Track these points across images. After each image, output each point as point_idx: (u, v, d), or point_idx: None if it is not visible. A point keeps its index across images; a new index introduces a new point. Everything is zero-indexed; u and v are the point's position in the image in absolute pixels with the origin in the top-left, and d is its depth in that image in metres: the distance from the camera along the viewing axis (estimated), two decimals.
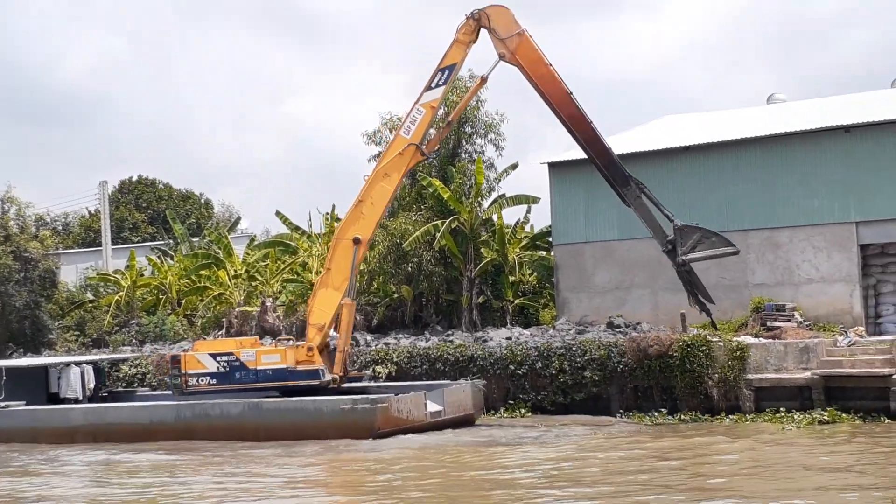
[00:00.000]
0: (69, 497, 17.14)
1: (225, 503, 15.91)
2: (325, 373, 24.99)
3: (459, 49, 23.91)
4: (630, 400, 27.27)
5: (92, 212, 65.80)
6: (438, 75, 23.89)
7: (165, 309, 42.44)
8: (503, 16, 23.54)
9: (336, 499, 16.76)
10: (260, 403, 24.59)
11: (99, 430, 25.83)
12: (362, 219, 24.84)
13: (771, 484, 15.58)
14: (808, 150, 30.59)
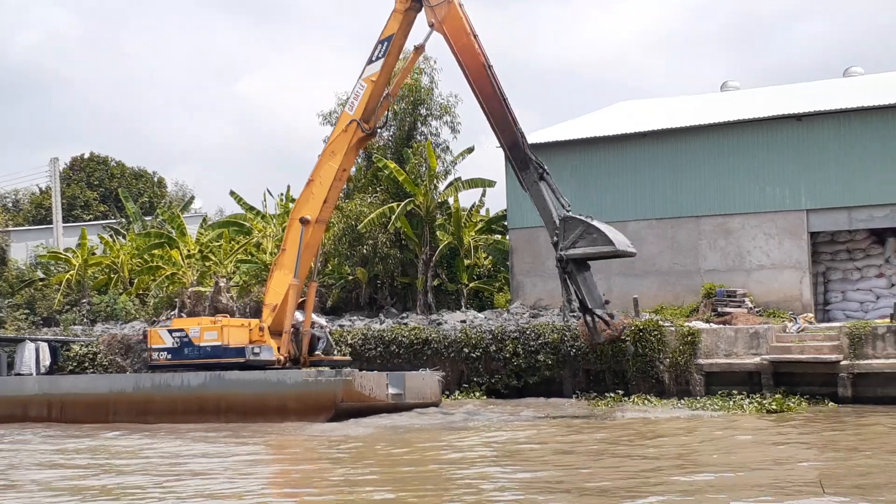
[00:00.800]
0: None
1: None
2: (261, 352, 24.75)
3: (396, 19, 23.25)
4: (583, 383, 27.51)
5: (43, 189, 64.94)
6: (378, 48, 23.40)
7: (117, 288, 42.05)
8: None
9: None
10: (222, 374, 24.35)
11: (54, 400, 25.49)
12: (312, 199, 24.65)
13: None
14: (760, 137, 30.92)
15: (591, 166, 33.04)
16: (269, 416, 23.05)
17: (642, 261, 31.97)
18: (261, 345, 24.89)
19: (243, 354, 24.68)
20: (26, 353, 28.03)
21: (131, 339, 32.23)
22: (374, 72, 23.34)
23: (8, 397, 25.97)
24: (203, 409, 23.91)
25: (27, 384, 26.35)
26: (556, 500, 12.09)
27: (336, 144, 24.46)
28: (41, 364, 28.54)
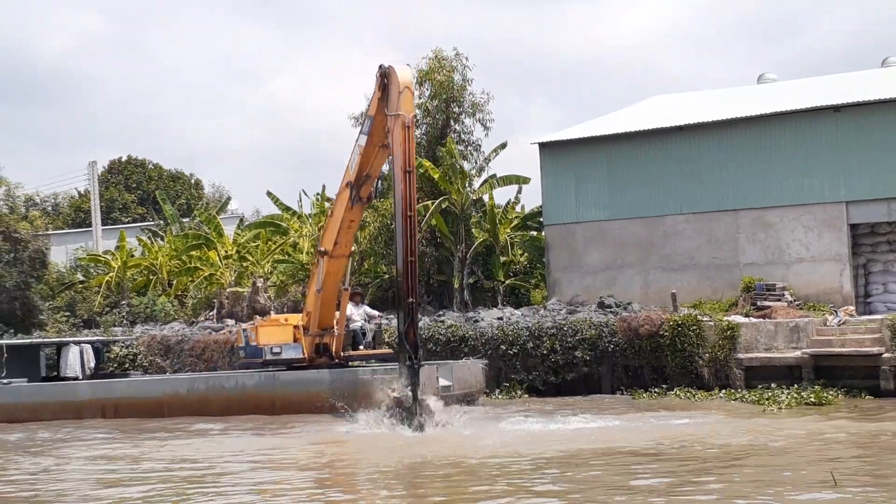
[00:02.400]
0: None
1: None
2: (282, 351, 24.99)
3: (374, 101, 22.83)
4: (621, 379, 27.39)
5: (81, 192, 65.61)
6: (366, 122, 23.24)
7: (156, 290, 42.39)
8: (402, 94, 20.86)
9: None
10: (276, 375, 24.52)
11: (108, 404, 25.68)
12: (328, 233, 24.73)
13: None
14: (798, 129, 30.63)
15: (627, 161, 32.88)
16: (323, 413, 23.11)
17: (680, 255, 31.87)
18: (284, 344, 25.08)
19: (260, 355, 24.92)
20: (71, 356, 28.22)
21: (171, 340, 32.47)
22: (362, 144, 23.16)
23: (61, 402, 26.16)
24: (258, 408, 24.09)
25: (80, 389, 26.52)
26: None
27: (340, 197, 24.39)
28: (86, 366, 28.74)
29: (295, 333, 25.49)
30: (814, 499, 11.37)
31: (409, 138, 20.56)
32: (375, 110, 22.28)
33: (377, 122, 22.33)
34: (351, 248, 25.61)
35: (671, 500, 11.50)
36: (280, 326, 25.83)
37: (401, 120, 20.54)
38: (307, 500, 12.71)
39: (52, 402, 26.14)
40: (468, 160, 38.49)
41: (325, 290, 24.72)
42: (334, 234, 24.45)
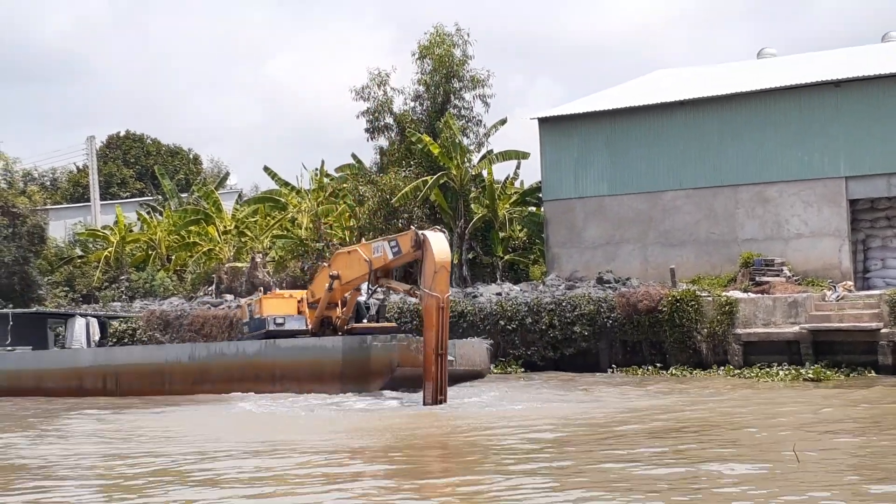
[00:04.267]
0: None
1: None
2: (285, 321, 24.92)
3: (405, 247, 22.47)
4: (619, 355, 27.42)
5: (80, 167, 65.45)
6: (393, 245, 22.66)
7: (155, 265, 42.37)
8: (438, 274, 20.56)
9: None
10: (276, 342, 24.50)
11: (109, 371, 25.70)
12: (349, 267, 24.12)
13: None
14: (798, 104, 30.53)
15: (627, 136, 32.79)
16: (325, 382, 23.13)
17: (679, 231, 31.84)
18: (288, 315, 25.07)
19: (264, 326, 24.94)
20: (76, 327, 28.22)
21: (170, 315, 32.50)
22: (389, 258, 22.66)
23: (64, 369, 26.19)
24: (259, 376, 24.08)
25: (82, 356, 26.55)
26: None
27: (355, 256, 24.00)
28: (91, 339, 28.78)
29: (299, 307, 25.54)
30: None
31: (443, 321, 20.18)
32: (399, 259, 22.15)
33: (405, 258, 22.40)
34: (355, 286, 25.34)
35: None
36: (284, 300, 25.88)
37: (435, 301, 20.15)
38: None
39: (54, 369, 26.20)
40: (468, 136, 38.40)
41: (334, 293, 24.65)
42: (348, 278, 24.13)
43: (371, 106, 39.01)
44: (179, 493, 11.07)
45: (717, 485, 10.48)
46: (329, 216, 40.04)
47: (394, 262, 22.87)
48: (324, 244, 38.48)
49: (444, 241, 21.00)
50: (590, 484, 10.77)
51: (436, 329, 20.02)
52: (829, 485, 10.41)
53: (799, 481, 10.55)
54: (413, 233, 21.43)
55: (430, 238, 20.68)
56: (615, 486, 10.50)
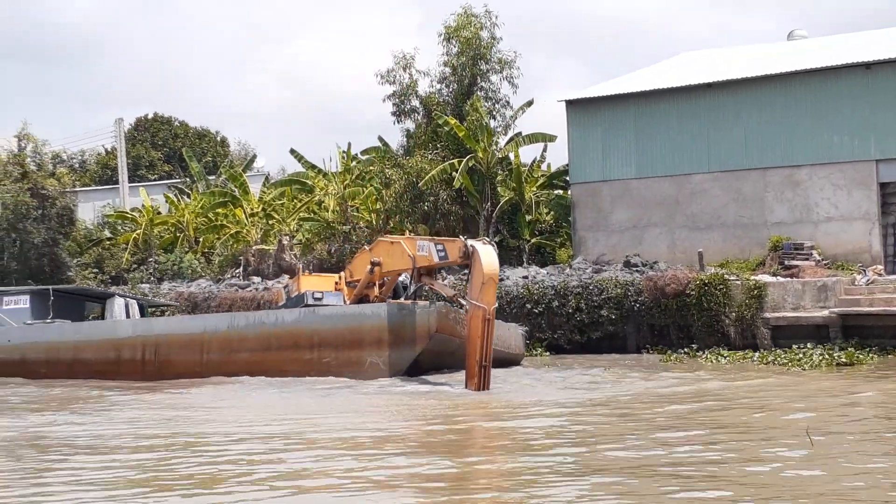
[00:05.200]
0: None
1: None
2: (323, 296, 25.08)
3: (453, 255, 22.61)
4: (647, 338, 27.36)
5: (108, 149, 65.80)
6: (440, 249, 22.73)
7: (183, 247, 42.57)
8: (486, 286, 20.51)
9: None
10: (315, 309, 24.45)
11: (148, 342, 25.78)
12: (391, 257, 24.23)
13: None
14: (828, 86, 30.27)
15: (655, 119, 32.62)
16: (364, 348, 23.16)
17: (707, 214, 31.67)
18: (325, 291, 25.23)
19: (302, 302, 25.06)
20: (116, 307, 28.35)
21: (197, 297, 32.66)
22: (435, 261, 22.75)
23: (102, 340, 26.27)
24: (297, 344, 24.02)
25: (121, 327, 26.64)
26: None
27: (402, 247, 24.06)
28: (131, 317, 28.90)
29: (336, 285, 25.66)
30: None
31: (488, 332, 20.13)
32: (448, 261, 22.16)
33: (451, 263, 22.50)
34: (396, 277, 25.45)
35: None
36: (321, 277, 26.14)
37: (482, 312, 20.17)
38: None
39: (92, 339, 26.31)
40: (495, 118, 38.27)
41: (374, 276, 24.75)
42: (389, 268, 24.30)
43: (397, 89, 38.95)
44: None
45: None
46: (355, 199, 40.08)
47: (438, 265, 22.95)
48: (350, 227, 38.54)
49: (493, 253, 20.98)
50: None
51: (481, 340, 20.03)
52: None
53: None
54: (462, 243, 21.42)
55: (480, 250, 20.70)
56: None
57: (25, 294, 27.93)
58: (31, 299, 27.56)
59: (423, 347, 22.82)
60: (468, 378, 20.23)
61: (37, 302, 27.53)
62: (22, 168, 42.84)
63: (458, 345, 21.82)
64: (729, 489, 9.33)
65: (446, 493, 9.85)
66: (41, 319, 27.18)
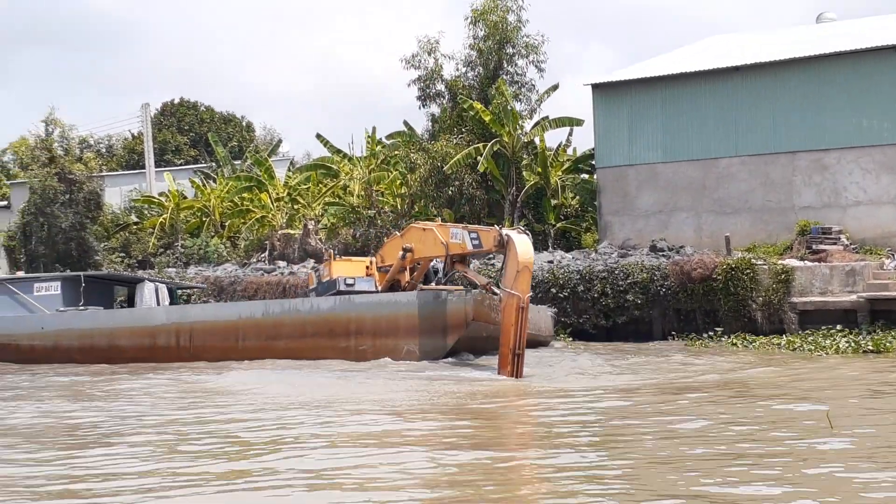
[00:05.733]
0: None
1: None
2: (355, 282, 25.18)
3: (487, 243, 22.56)
4: (672, 323, 27.24)
5: (135, 134, 66.11)
6: (474, 237, 22.68)
7: (209, 231, 42.74)
8: (521, 274, 20.45)
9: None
10: (351, 297, 24.52)
11: (183, 328, 25.88)
12: (423, 245, 24.23)
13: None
14: (858, 69, 29.97)
15: (681, 103, 32.41)
16: (400, 336, 23.23)
17: (734, 198, 31.47)
18: (358, 276, 25.30)
19: (334, 288, 25.10)
20: (146, 292, 28.47)
21: (224, 281, 32.78)
22: (468, 249, 22.67)
23: (137, 327, 26.40)
24: (333, 331, 24.08)
25: (156, 314, 26.78)
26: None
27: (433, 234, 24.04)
28: (161, 303, 29.03)
29: (367, 270, 25.70)
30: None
31: (522, 320, 20.02)
32: (483, 249, 22.12)
33: (484, 252, 22.55)
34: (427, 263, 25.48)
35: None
36: (352, 263, 26.16)
37: (516, 301, 20.13)
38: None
39: (127, 326, 26.43)
40: (521, 101, 38.14)
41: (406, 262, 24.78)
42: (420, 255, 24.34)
43: (422, 74, 38.89)
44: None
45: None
46: (380, 183, 40.09)
47: (471, 253, 22.93)
48: (375, 211, 38.56)
49: (528, 242, 20.96)
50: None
51: (515, 328, 19.98)
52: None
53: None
54: (497, 232, 21.42)
55: (515, 239, 20.67)
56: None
57: (57, 280, 28.07)
58: (63, 285, 27.70)
59: (460, 336, 22.83)
60: (501, 366, 20.21)
61: (68, 288, 27.67)
62: (49, 153, 43.12)
63: (493, 329, 21.77)
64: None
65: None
66: (73, 305, 27.32)
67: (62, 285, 27.69)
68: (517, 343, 19.82)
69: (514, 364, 19.79)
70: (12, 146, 65.45)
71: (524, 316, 20.08)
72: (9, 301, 27.71)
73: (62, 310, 27.10)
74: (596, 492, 8.75)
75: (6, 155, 70.73)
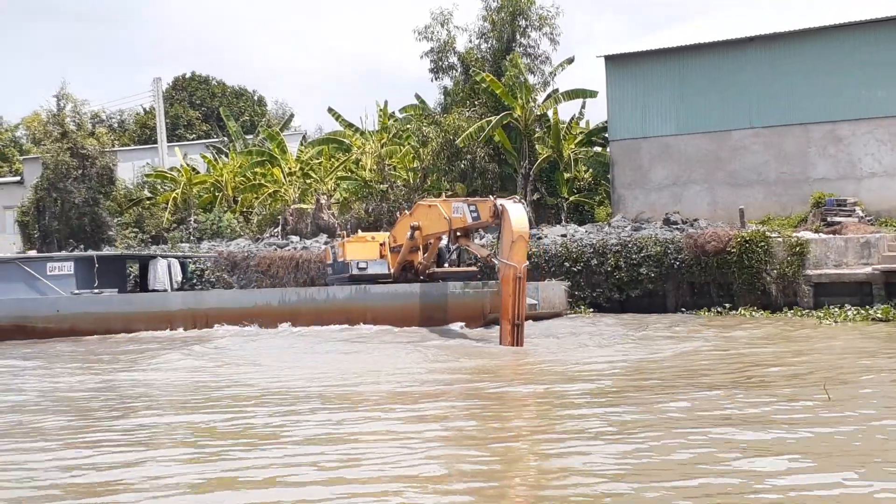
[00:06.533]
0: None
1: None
2: (368, 266, 25.24)
3: (484, 214, 22.33)
4: (686, 296, 27.16)
5: (147, 109, 66.10)
6: (471, 209, 22.47)
7: (222, 206, 42.75)
8: (516, 244, 20.26)
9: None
10: (368, 288, 24.70)
11: (199, 315, 26.00)
12: (430, 222, 24.11)
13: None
14: (873, 40, 29.70)
15: (695, 75, 32.21)
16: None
17: (748, 171, 31.32)
18: (370, 260, 25.34)
19: (347, 270, 25.13)
20: (159, 269, 28.50)
21: (237, 256, 32.79)
22: (469, 222, 22.48)
23: (153, 312, 26.48)
24: (349, 321, 24.25)
25: (172, 300, 26.86)
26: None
27: (435, 211, 23.89)
28: (173, 279, 29.07)
29: (381, 250, 25.69)
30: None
31: (520, 290, 19.90)
32: (481, 219, 21.90)
33: (483, 223, 22.22)
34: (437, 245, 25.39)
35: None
36: (366, 243, 26.08)
37: (513, 271, 20.02)
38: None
39: (143, 312, 26.54)
40: (534, 74, 37.95)
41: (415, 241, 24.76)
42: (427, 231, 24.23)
43: (435, 46, 38.72)
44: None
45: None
46: (393, 157, 40.00)
47: (472, 226, 22.85)
48: (388, 185, 38.50)
49: (522, 211, 20.84)
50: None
51: (513, 298, 19.95)
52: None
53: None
54: (492, 202, 21.34)
55: (509, 209, 20.57)
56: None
57: (70, 260, 28.13)
58: (76, 265, 27.76)
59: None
60: (502, 337, 20.23)
61: (81, 268, 27.74)
62: (62, 128, 43.12)
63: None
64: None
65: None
66: (87, 286, 27.38)
67: (75, 265, 27.74)
68: (516, 313, 19.82)
69: (514, 335, 19.81)
70: (25, 121, 65.53)
71: (522, 286, 20.05)
72: (22, 281, 27.77)
73: (77, 292, 27.18)
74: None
75: (19, 130, 70.84)
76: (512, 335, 19.82)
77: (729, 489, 7.65)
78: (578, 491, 7.77)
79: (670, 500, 7.44)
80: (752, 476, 7.98)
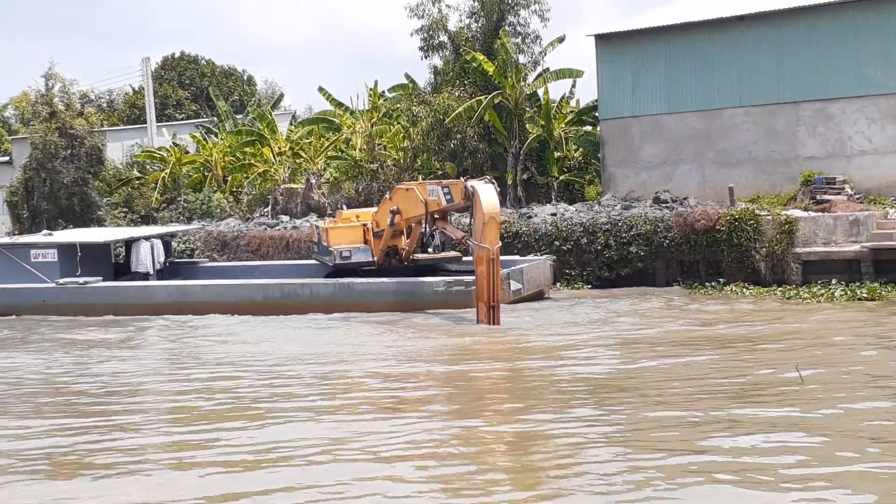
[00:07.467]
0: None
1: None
2: (352, 254, 25.21)
3: (457, 196, 22.22)
4: (676, 274, 27.23)
5: (136, 89, 65.83)
6: (445, 191, 22.41)
7: (211, 186, 42.63)
8: (487, 226, 20.55)
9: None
10: (351, 284, 24.60)
11: (184, 307, 25.77)
12: (411, 206, 24.03)
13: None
14: (862, 18, 29.66)
15: (685, 53, 32.16)
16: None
17: (738, 149, 31.34)
18: (354, 247, 25.21)
19: (332, 257, 25.05)
20: (142, 251, 28.39)
21: (227, 236, 32.76)
22: (443, 204, 22.38)
23: (138, 304, 26.41)
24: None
25: (156, 292, 26.79)
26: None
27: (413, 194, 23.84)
28: (156, 261, 28.95)
29: (365, 234, 25.56)
30: None
31: (494, 272, 19.99)
32: (453, 201, 21.82)
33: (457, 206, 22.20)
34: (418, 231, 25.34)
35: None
36: (351, 228, 25.93)
37: (486, 253, 19.97)
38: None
39: (127, 304, 26.46)
40: (524, 53, 37.81)
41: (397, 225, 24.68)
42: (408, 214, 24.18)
43: (425, 23, 38.55)
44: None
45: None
46: (383, 137, 39.92)
47: (447, 208, 22.81)
48: (378, 165, 38.43)
49: (493, 192, 20.85)
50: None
51: (487, 280, 19.98)
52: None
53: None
54: (462, 184, 21.35)
55: (480, 190, 20.58)
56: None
57: (53, 248, 27.96)
58: (59, 252, 27.64)
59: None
60: (479, 317, 20.27)
61: (64, 255, 27.63)
62: (50, 108, 42.92)
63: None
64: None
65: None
66: (70, 273, 27.29)
67: (59, 252, 27.62)
68: (490, 295, 19.87)
69: (490, 316, 19.89)
70: (13, 101, 65.18)
71: (495, 267, 20.11)
72: (6, 267, 27.66)
73: (62, 282, 27.08)
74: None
75: (7, 110, 70.51)
76: (488, 316, 19.88)
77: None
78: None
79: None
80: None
